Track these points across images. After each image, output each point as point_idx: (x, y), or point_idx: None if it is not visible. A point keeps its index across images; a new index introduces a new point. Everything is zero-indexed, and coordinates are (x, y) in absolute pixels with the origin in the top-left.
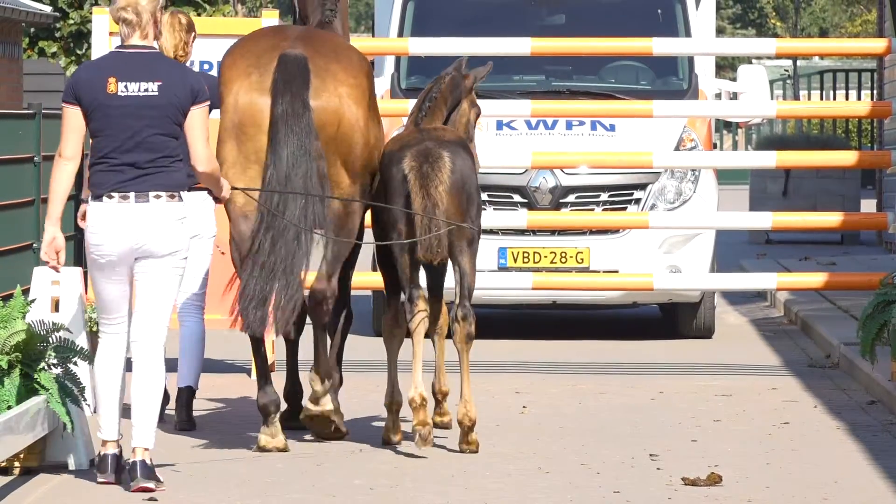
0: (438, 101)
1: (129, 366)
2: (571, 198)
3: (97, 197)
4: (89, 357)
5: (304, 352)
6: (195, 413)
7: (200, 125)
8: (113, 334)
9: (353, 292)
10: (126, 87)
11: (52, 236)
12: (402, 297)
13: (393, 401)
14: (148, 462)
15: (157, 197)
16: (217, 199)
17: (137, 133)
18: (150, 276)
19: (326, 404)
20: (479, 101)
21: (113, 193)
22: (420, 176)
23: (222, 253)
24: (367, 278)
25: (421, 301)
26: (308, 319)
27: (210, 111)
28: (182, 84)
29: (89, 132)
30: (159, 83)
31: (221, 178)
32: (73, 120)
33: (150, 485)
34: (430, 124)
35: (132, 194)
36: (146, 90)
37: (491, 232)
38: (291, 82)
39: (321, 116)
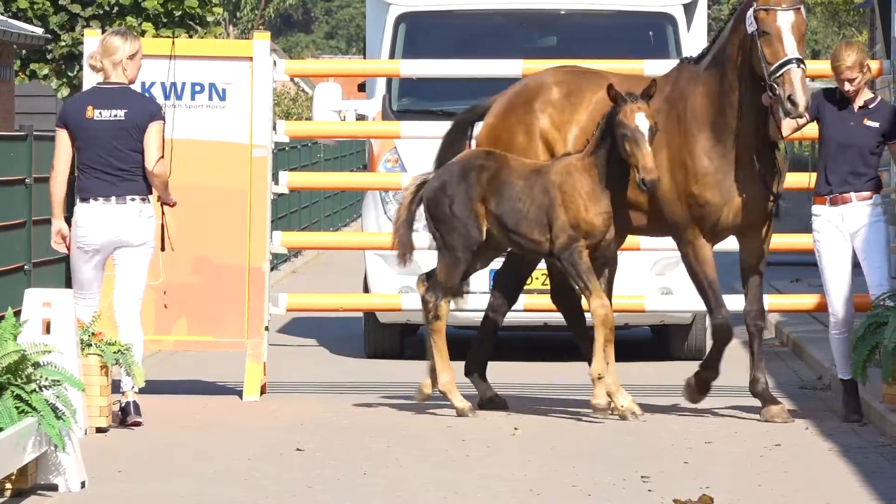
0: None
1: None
2: None
3: (84, 199)
4: (79, 384)
5: (301, 365)
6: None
7: (154, 137)
8: (86, 307)
9: (344, 314)
10: (100, 113)
11: (58, 228)
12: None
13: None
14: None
15: (133, 200)
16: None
17: (110, 149)
18: (127, 260)
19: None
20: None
21: (98, 197)
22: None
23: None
24: (358, 300)
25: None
26: None
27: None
28: (143, 109)
29: (75, 149)
30: (125, 110)
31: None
32: (63, 140)
33: (140, 419)
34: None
35: (113, 198)
36: (115, 115)
37: None
38: None
39: None
